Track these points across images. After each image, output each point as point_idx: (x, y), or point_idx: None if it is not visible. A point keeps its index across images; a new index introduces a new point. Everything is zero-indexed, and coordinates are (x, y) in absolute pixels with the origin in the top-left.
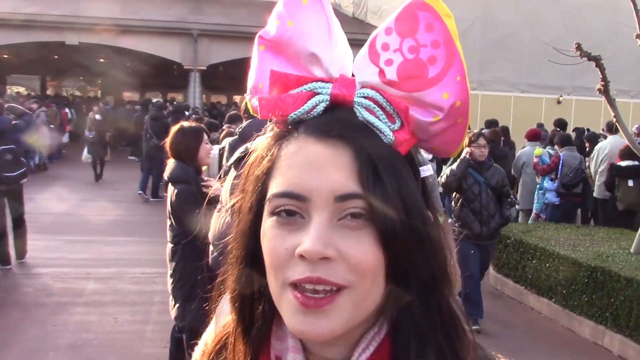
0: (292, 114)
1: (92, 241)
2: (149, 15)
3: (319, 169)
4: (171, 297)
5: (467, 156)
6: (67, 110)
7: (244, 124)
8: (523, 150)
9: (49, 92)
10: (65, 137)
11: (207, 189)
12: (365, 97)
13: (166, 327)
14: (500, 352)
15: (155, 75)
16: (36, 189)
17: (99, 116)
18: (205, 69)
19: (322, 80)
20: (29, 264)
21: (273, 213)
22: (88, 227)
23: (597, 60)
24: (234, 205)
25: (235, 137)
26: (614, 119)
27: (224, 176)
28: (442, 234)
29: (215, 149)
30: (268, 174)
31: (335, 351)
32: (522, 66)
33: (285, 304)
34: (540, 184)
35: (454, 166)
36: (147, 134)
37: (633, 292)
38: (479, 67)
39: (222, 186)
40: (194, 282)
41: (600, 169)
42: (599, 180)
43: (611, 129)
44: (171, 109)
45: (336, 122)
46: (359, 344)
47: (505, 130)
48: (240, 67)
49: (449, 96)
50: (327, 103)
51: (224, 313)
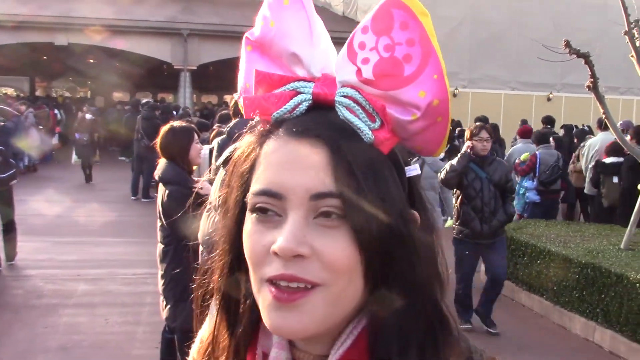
0: (274, 113)
1: (82, 242)
2: (138, 16)
3: (295, 167)
4: (162, 297)
5: (468, 150)
6: (56, 111)
7: (232, 123)
8: (515, 148)
9: (38, 93)
10: (55, 139)
11: (200, 189)
12: (345, 96)
13: (157, 328)
14: (492, 350)
15: (146, 76)
16: (25, 190)
17: (89, 116)
18: (195, 68)
19: (304, 80)
20: (18, 266)
21: (253, 210)
22: (78, 229)
23: (586, 57)
24: (218, 199)
25: (224, 136)
26: (604, 116)
27: (212, 176)
28: (430, 235)
29: (206, 149)
30: (250, 171)
31: (319, 348)
32: (512, 64)
33: (262, 299)
34: (519, 183)
35: (454, 161)
36: (138, 134)
37: (623, 288)
38: (469, 65)
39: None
40: (185, 282)
41: (590, 165)
42: (589, 176)
43: (601, 125)
44: (160, 109)
45: (316, 121)
46: (338, 339)
47: (494, 127)
48: (230, 67)
49: (425, 94)
50: (310, 102)
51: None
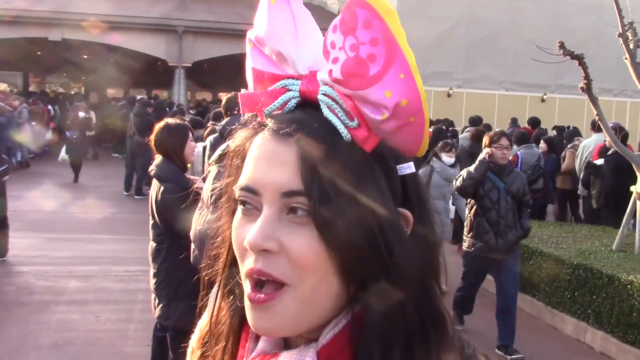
0: (265, 110)
1: (74, 239)
2: (133, 12)
3: (271, 164)
4: (154, 295)
5: (486, 157)
6: (49, 107)
7: (224, 121)
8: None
9: (32, 88)
10: (48, 135)
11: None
12: (325, 94)
13: (149, 325)
14: (484, 350)
15: (140, 72)
16: (18, 186)
17: (82, 114)
18: (190, 65)
19: (292, 78)
20: (10, 262)
21: (239, 203)
22: (70, 225)
23: (579, 58)
24: (218, 192)
25: (216, 134)
26: (597, 117)
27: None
28: (424, 234)
29: (200, 147)
30: (241, 165)
31: (311, 333)
32: (507, 64)
33: (245, 295)
34: None
35: (472, 168)
36: (130, 130)
37: (615, 290)
38: (463, 66)
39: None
40: (179, 280)
41: (584, 167)
42: (583, 176)
43: (594, 127)
44: (153, 106)
45: (299, 118)
46: (326, 327)
47: (488, 127)
48: (225, 64)
49: (391, 95)
50: (298, 99)
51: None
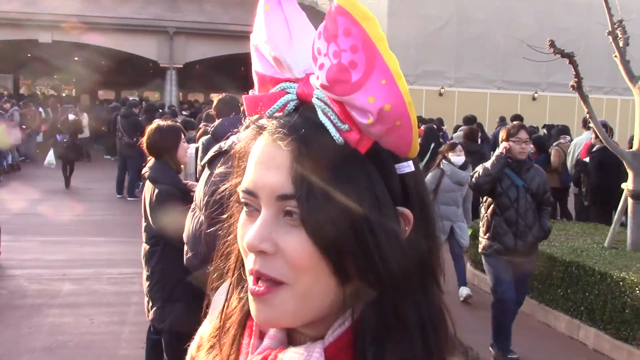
0: (267, 112)
1: (67, 242)
2: (124, 13)
3: (267, 167)
4: (147, 298)
5: (504, 152)
6: (40, 109)
7: (216, 123)
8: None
9: (22, 91)
10: (40, 137)
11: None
12: (318, 98)
13: (143, 328)
14: (476, 348)
15: (132, 74)
16: (9, 189)
17: (72, 116)
18: (181, 67)
19: (290, 81)
20: (2, 266)
21: (243, 205)
22: (63, 228)
23: (570, 57)
24: (227, 189)
25: (208, 136)
26: (587, 115)
27: (199, 175)
28: (423, 235)
29: (192, 148)
30: (245, 166)
31: (315, 331)
32: (498, 63)
33: (248, 288)
34: None
35: (488, 164)
36: (118, 132)
37: (607, 287)
38: (455, 65)
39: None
40: (174, 282)
41: (574, 164)
42: (574, 174)
43: (586, 124)
44: (143, 107)
45: (296, 121)
46: (332, 325)
47: (479, 126)
48: (216, 65)
49: (374, 100)
50: (296, 102)
51: (217, 308)
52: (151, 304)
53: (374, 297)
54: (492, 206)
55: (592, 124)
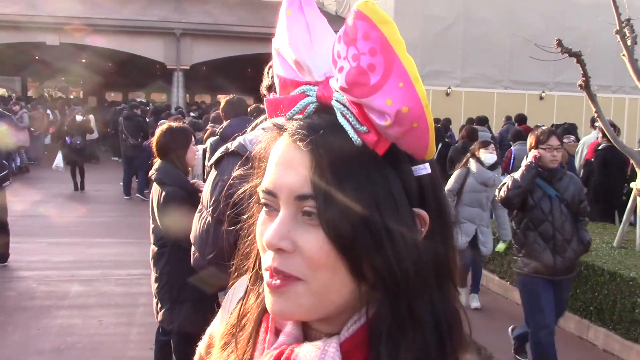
0: (287, 114)
1: (75, 243)
2: (130, 15)
3: (286, 168)
4: (156, 300)
5: (533, 161)
6: (48, 111)
7: (224, 124)
8: (513, 149)
9: (30, 93)
10: (47, 139)
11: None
12: (338, 101)
13: (151, 329)
14: (485, 347)
15: (139, 75)
16: (18, 191)
17: (80, 117)
18: (188, 68)
19: (310, 84)
20: (11, 268)
21: (263, 204)
22: (71, 229)
23: (577, 56)
24: (240, 191)
25: (216, 137)
26: (595, 114)
27: (206, 176)
28: (437, 237)
29: (200, 149)
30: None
31: (330, 327)
32: (505, 63)
33: (265, 283)
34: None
35: (516, 175)
36: (122, 134)
37: (616, 286)
38: (461, 64)
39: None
40: (182, 283)
41: (583, 164)
42: (582, 174)
43: (593, 123)
44: (151, 109)
45: (315, 123)
46: (347, 322)
47: (488, 127)
48: (223, 67)
49: (392, 102)
50: (316, 104)
51: (233, 305)
52: (160, 305)
53: (389, 295)
54: (523, 221)
55: (599, 123)
